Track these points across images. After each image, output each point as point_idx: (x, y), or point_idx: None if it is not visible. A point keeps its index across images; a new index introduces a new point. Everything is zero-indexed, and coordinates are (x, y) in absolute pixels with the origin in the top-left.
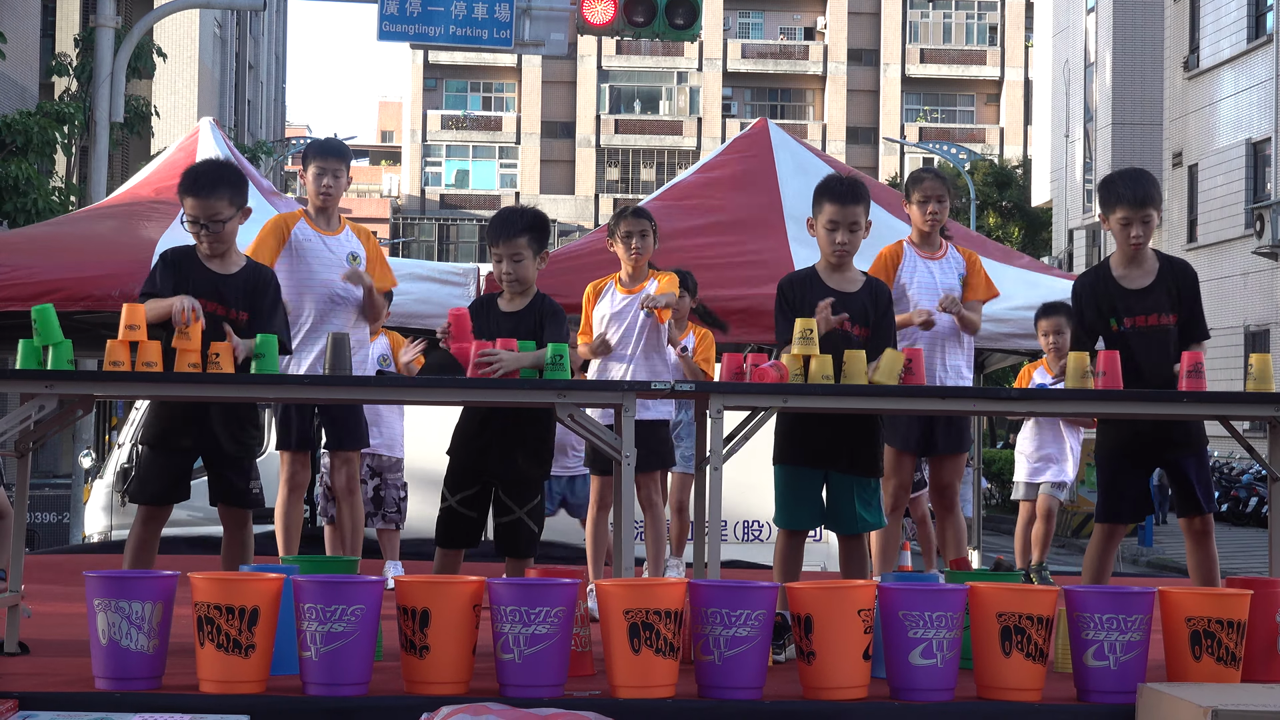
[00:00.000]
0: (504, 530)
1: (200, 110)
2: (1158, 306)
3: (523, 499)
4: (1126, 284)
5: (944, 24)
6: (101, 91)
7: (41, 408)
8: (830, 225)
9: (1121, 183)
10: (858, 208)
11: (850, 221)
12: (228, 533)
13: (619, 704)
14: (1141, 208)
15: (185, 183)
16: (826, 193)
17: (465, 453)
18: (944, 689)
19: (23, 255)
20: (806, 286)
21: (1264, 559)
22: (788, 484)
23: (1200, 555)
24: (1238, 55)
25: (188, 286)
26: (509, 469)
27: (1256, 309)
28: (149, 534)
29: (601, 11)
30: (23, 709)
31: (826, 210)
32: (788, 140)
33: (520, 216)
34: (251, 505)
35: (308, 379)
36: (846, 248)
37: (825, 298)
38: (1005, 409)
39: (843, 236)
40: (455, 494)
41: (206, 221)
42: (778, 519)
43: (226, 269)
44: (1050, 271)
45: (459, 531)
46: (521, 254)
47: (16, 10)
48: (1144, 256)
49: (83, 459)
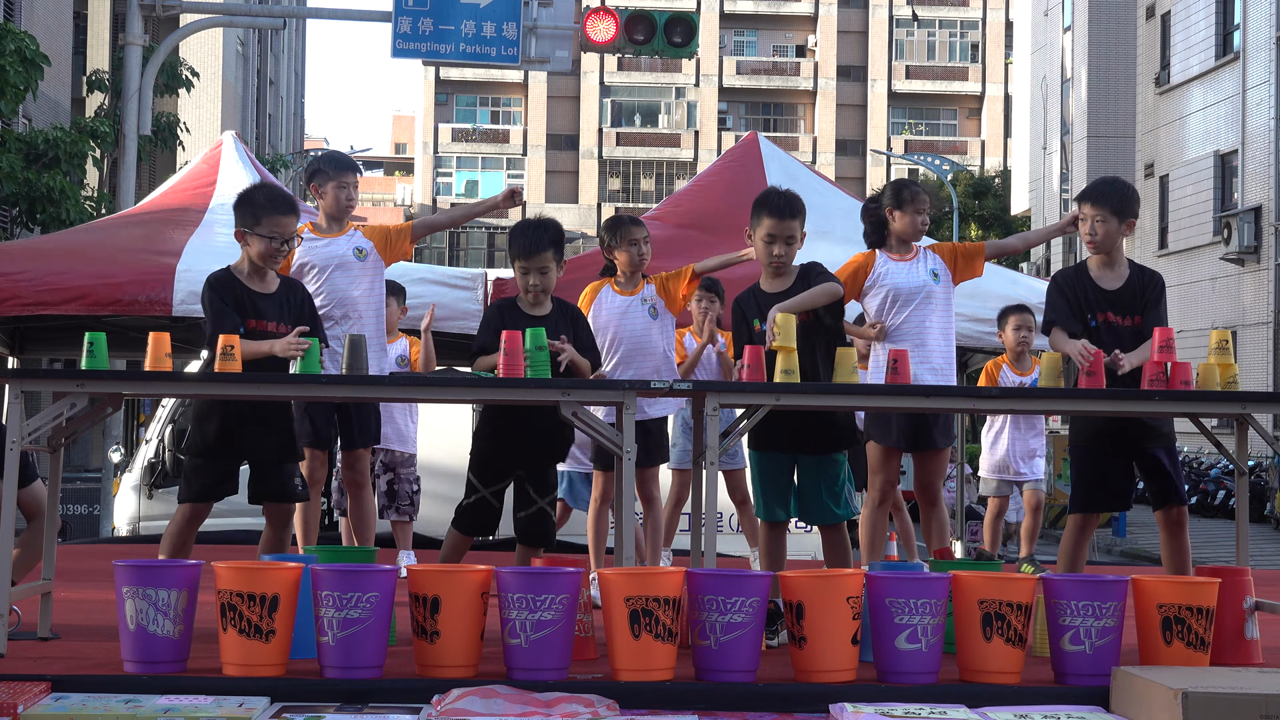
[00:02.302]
0: (528, 520)
1: (224, 123)
2: (1127, 308)
3: (545, 491)
4: (1102, 284)
5: (928, 42)
6: (130, 106)
7: (73, 405)
8: (768, 238)
9: (1095, 183)
10: (794, 221)
11: (787, 235)
12: (270, 528)
13: (620, 686)
14: (1094, 206)
15: (273, 203)
16: (765, 206)
17: (499, 445)
18: (928, 672)
19: (55, 262)
20: (750, 299)
21: (1231, 549)
22: (761, 471)
23: (1174, 545)
24: (1206, 72)
25: (239, 308)
26: (539, 462)
27: (1224, 312)
28: (191, 530)
29: (604, 30)
30: (55, 691)
31: (765, 223)
32: (776, 151)
33: (544, 231)
34: (295, 499)
35: (325, 378)
36: (783, 259)
37: (767, 306)
38: (987, 407)
39: (779, 249)
40: (489, 485)
41: (288, 239)
42: (756, 509)
43: (267, 288)
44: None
45: (484, 521)
46: (548, 266)
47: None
48: (1117, 261)
49: (112, 454)
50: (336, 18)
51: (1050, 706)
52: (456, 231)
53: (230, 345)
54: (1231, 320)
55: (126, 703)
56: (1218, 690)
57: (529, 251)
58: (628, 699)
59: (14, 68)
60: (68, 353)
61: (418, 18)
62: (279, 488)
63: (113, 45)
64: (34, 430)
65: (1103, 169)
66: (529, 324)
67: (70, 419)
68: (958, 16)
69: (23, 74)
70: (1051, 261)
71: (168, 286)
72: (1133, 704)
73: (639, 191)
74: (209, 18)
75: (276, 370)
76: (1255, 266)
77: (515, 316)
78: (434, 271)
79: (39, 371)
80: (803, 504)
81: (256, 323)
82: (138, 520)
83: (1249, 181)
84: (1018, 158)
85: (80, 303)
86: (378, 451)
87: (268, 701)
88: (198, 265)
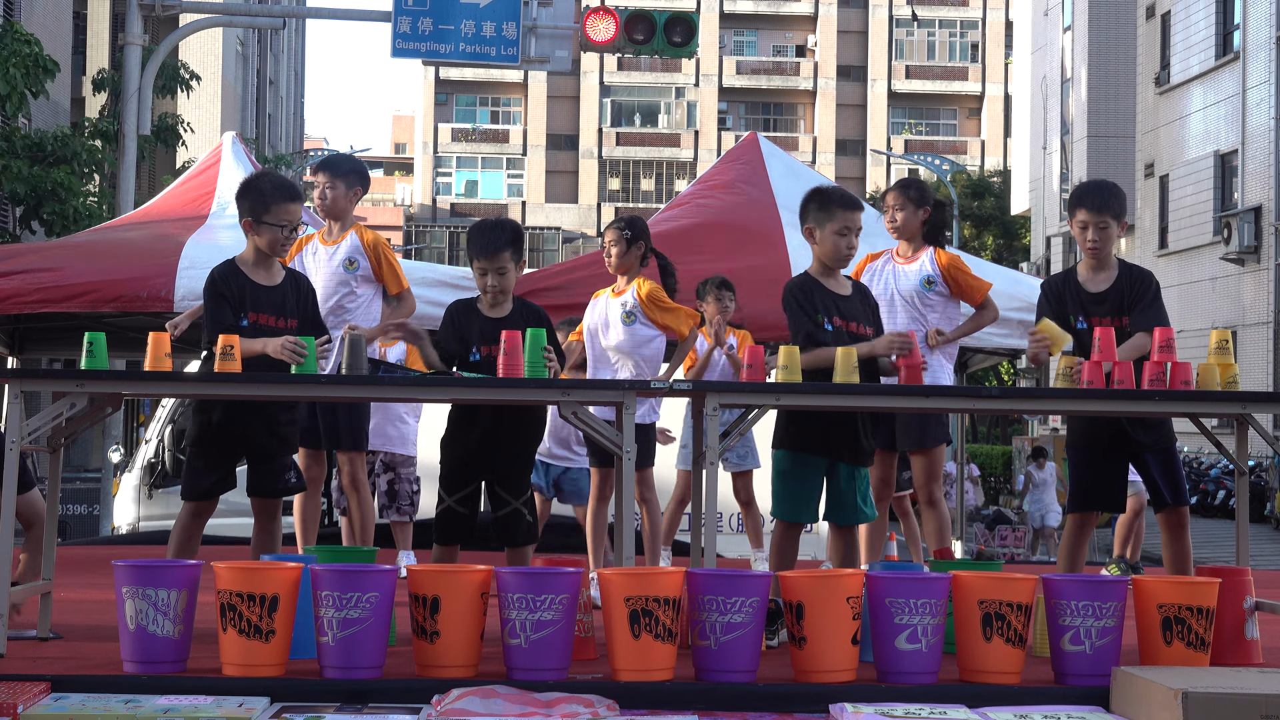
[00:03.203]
0: (503, 522)
1: (224, 123)
2: (1113, 310)
3: (516, 490)
4: (1089, 287)
5: (928, 42)
6: (130, 106)
7: (73, 405)
8: (843, 231)
9: (1085, 190)
10: (861, 213)
11: (859, 228)
12: (258, 522)
13: (620, 686)
14: (1098, 214)
15: (278, 190)
16: (838, 201)
17: (458, 450)
18: (928, 672)
19: (56, 260)
20: (812, 290)
21: (1231, 549)
22: (793, 471)
23: (1176, 546)
24: (1206, 72)
25: (241, 301)
26: (499, 463)
27: (1224, 312)
28: (195, 528)
29: (604, 30)
30: (55, 691)
31: (839, 217)
32: (776, 151)
33: (501, 231)
34: (289, 491)
35: (322, 378)
36: (854, 252)
37: (827, 300)
38: (985, 407)
39: (853, 242)
40: (452, 494)
41: (295, 226)
42: (777, 510)
43: (271, 280)
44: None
45: (456, 529)
46: (506, 267)
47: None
48: (1107, 263)
49: (112, 454)
50: (336, 18)
51: (1050, 707)
52: (456, 231)
53: (230, 345)
54: (1231, 320)
55: (126, 703)
56: (1218, 690)
57: (486, 251)
58: (628, 699)
59: (19, 69)
60: (67, 353)
61: (417, 17)
62: (270, 483)
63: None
64: (34, 430)
65: (1103, 169)
66: (487, 325)
67: (70, 419)
68: (958, 16)
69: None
70: (1051, 262)
71: (169, 283)
72: (1133, 704)
73: (639, 191)
74: (209, 18)
75: (273, 369)
76: (1255, 266)
77: (471, 319)
78: (435, 271)
79: (39, 371)
80: (835, 506)
81: (258, 316)
82: (137, 520)
83: (1249, 181)
84: (1018, 158)
85: (82, 300)
86: (378, 451)
87: (267, 701)
88: (200, 261)
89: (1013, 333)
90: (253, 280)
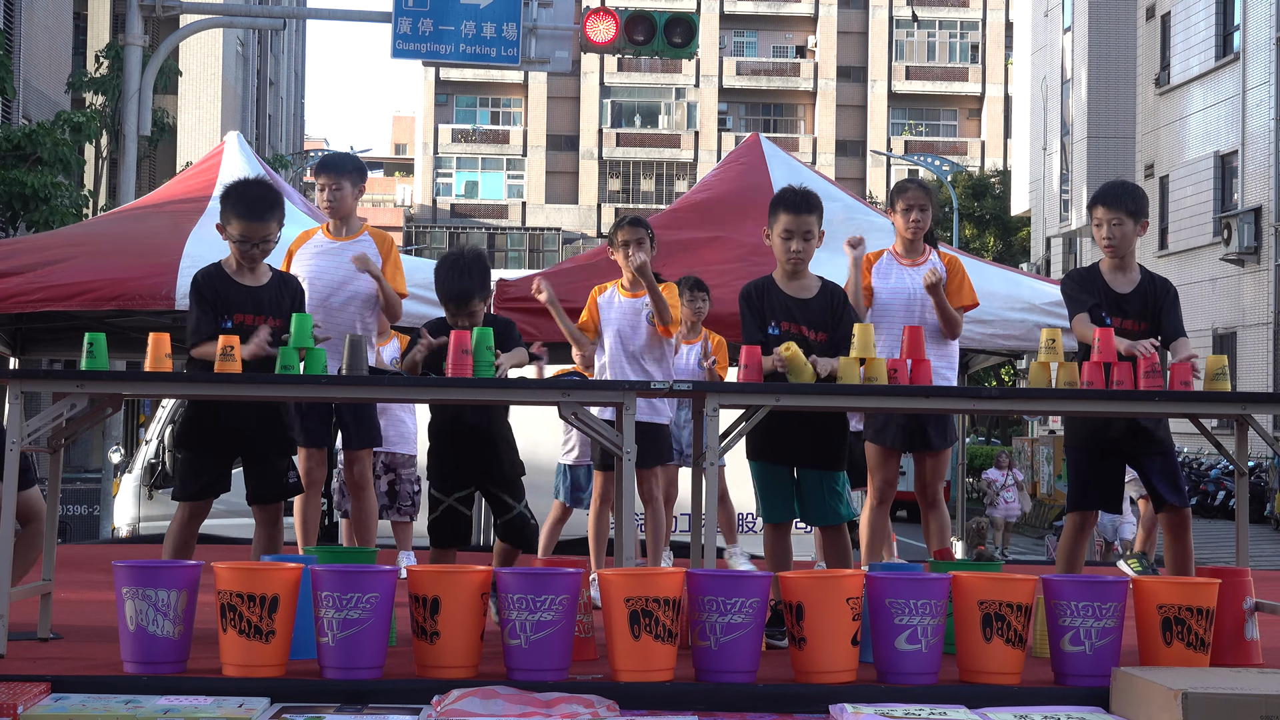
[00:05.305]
0: (508, 525)
1: (224, 123)
2: (1134, 313)
3: (516, 493)
4: (1114, 287)
5: (928, 42)
6: (130, 106)
7: (73, 406)
8: (785, 234)
9: (1104, 188)
10: (811, 216)
11: (804, 230)
12: (260, 526)
13: (620, 687)
14: (1111, 210)
15: (237, 206)
16: (781, 203)
17: (450, 456)
18: (928, 672)
19: (57, 258)
20: (765, 293)
21: (1231, 549)
22: (762, 479)
23: (1177, 547)
24: (1206, 72)
25: (225, 304)
26: (497, 467)
27: (1224, 312)
28: (191, 529)
29: (604, 31)
30: (55, 691)
31: (782, 219)
32: (778, 152)
33: (470, 279)
34: (289, 493)
35: (322, 379)
36: (800, 255)
37: (782, 304)
38: (985, 408)
39: (797, 245)
40: (451, 494)
41: (259, 242)
42: (759, 512)
43: (258, 281)
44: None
45: (456, 530)
46: (475, 310)
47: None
48: (1127, 264)
49: (112, 454)
50: (336, 18)
51: (1050, 707)
52: (456, 231)
53: (230, 345)
54: (1231, 320)
55: (126, 703)
56: (1218, 691)
57: (460, 300)
58: (628, 699)
59: None
60: (68, 353)
61: (417, 18)
62: (269, 486)
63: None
64: (34, 431)
65: (1103, 169)
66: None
67: (70, 419)
68: (958, 17)
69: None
70: (1051, 262)
71: (171, 280)
72: (1133, 705)
73: (639, 192)
74: (209, 18)
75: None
76: (1255, 267)
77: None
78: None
79: (39, 372)
80: (805, 507)
81: (243, 317)
82: (138, 520)
83: (1249, 182)
84: (1018, 158)
85: (83, 298)
86: (379, 452)
87: (267, 702)
88: (202, 260)
89: (1014, 334)
90: (236, 281)
